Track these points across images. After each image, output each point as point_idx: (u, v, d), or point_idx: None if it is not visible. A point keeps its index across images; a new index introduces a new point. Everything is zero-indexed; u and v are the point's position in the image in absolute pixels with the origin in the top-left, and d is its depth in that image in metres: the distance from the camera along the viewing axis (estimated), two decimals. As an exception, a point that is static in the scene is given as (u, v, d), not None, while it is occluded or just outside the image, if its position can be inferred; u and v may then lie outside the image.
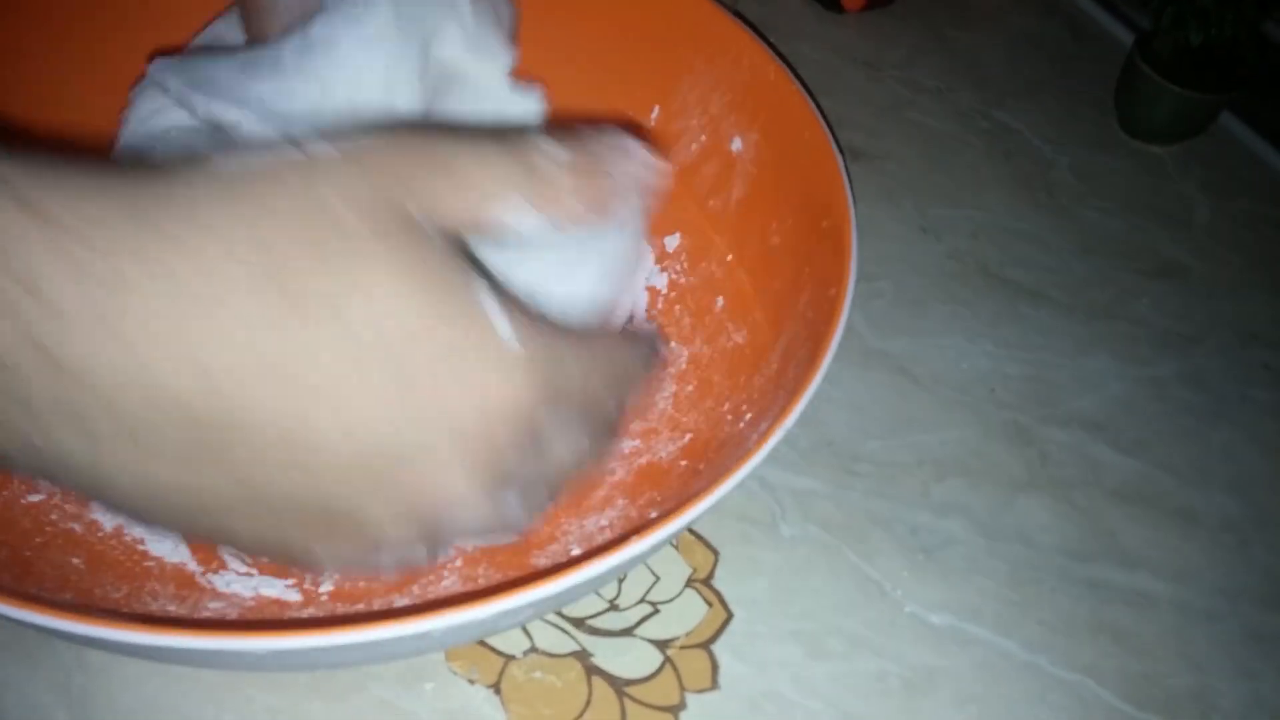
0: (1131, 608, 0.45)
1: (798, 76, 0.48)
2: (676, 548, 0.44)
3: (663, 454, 0.45)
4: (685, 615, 0.42)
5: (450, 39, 0.39)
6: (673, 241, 0.52)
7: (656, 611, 0.42)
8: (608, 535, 0.42)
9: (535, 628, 0.41)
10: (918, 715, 0.41)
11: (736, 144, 0.50)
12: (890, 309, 0.56)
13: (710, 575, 0.44)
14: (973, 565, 0.46)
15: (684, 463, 0.44)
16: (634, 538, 0.31)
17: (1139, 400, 0.54)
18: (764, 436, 0.35)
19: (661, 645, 0.41)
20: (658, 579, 0.43)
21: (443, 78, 0.40)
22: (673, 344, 0.49)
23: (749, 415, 0.43)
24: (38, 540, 0.37)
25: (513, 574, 0.40)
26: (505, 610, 0.28)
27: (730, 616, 0.43)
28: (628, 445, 0.45)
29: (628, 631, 0.42)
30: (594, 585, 0.32)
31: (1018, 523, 0.48)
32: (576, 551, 0.41)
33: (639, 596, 0.43)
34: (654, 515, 0.40)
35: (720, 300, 0.50)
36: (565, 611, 0.42)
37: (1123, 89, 0.69)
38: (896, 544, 0.46)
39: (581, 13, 0.51)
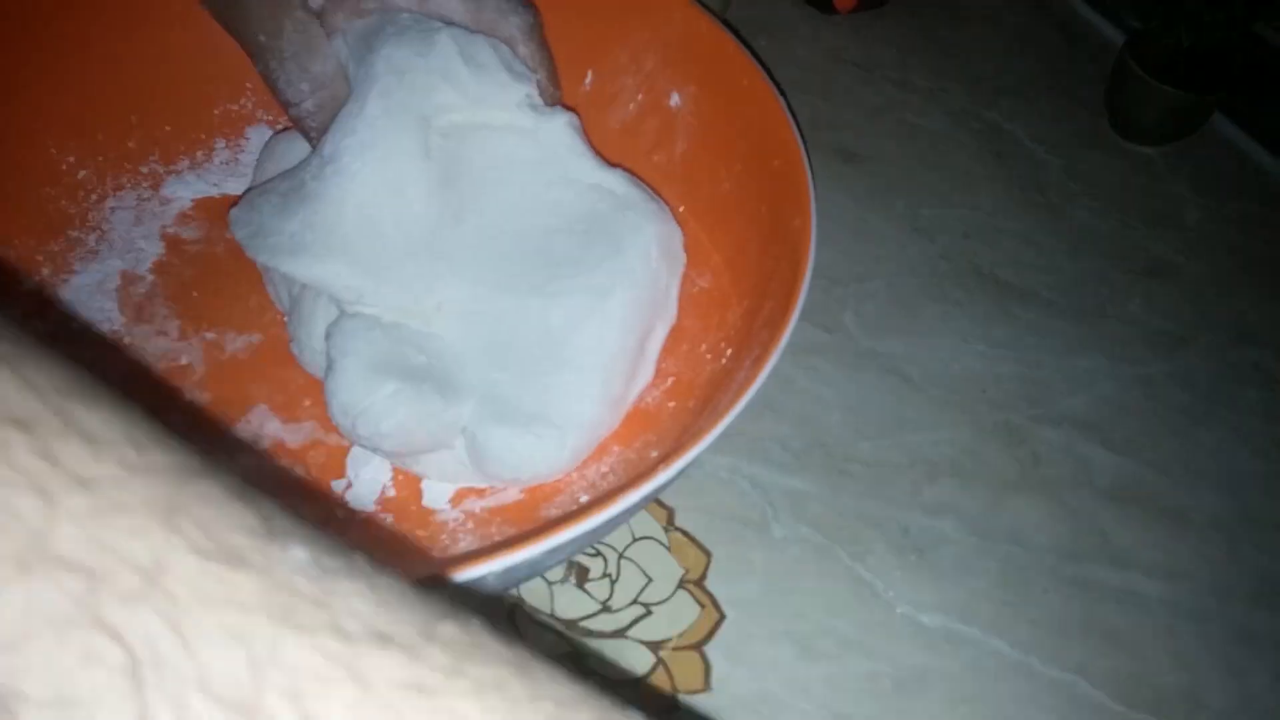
0: (1122, 607, 0.46)
1: (729, 27, 0.49)
2: (669, 548, 0.45)
3: (649, 399, 0.46)
4: (677, 616, 0.43)
5: (449, 106, 0.40)
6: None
7: (649, 613, 0.43)
8: (612, 480, 0.42)
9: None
10: (910, 716, 0.41)
11: (675, 99, 0.51)
12: (882, 309, 0.56)
13: (703, 576, 0.44)
14: (964, 565, 0.46)
15: (671, 404, 0.45)
16: (678, 454, 0.33)
17: (1130, 400, 0.54)
18: (761, 359, 0.36)
19: (654, 646, 0.42)
20: (650, 580, 0.43)
21: (458, 137, 0.41)
22: None
23: (730, 351, 0.44)
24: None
25: (528, 527, 0.41)
26: (556, 545, 0.30)
27: (722, 617, 0.43)
28: None
29: (620, 633, 0.42)
30: (628, 516, 0.34)
31: (1009, 523, 0.48)
32: (585, 499, 0.42)
33: (631, 598, 0.43)
34: (654, 455, 0.42)
35: None
36: (557, 613, 0.42)
37: (1114, 89, 0.69)
38: (889, 544, 0.46)
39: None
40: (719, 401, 0.39)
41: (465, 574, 0.29)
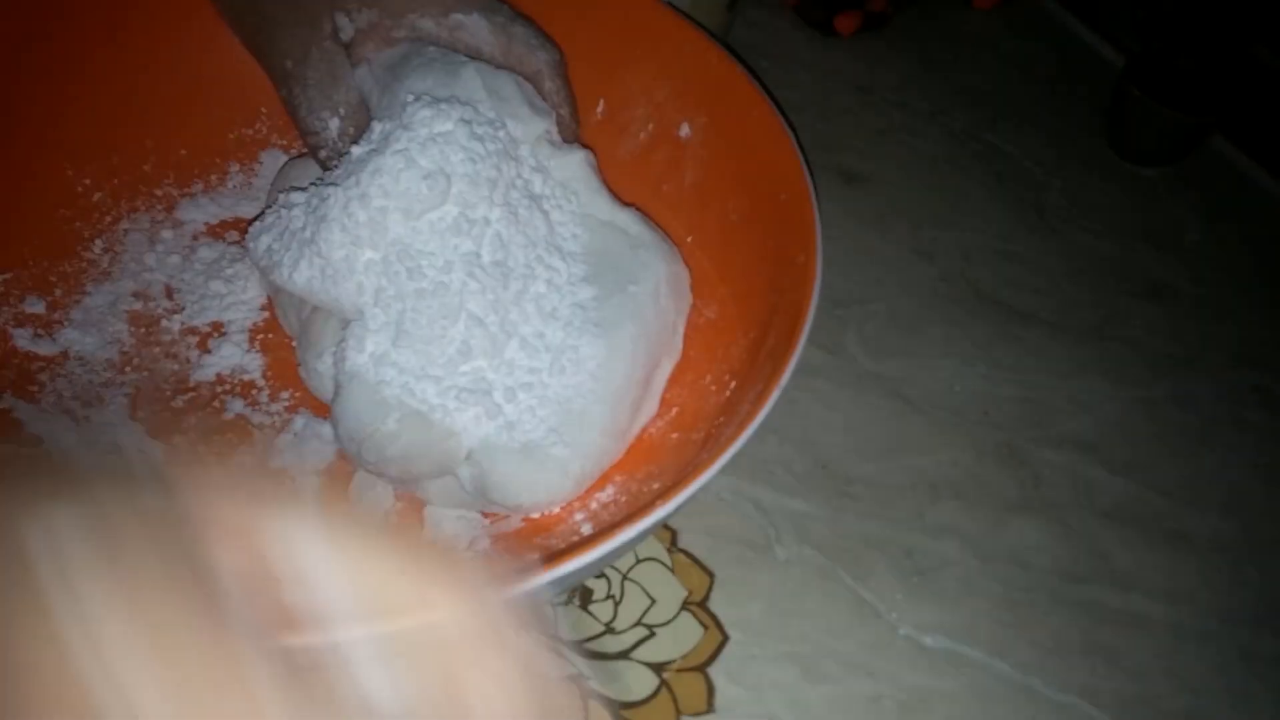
0: (1125, 629, 0.46)
1: (739, 59, 0.49)
2: (672, 570, 0.45)
3: (652, 430, 0.46)
4: (681, 638, 0.43)
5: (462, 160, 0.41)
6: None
7: (652, 634, 0.43)
8: (614, 510, 0.43)
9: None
10: (912, 737, 0.41)
11: (685, 130, 0.52)
12: (884, 331, 0.57)
13: (706, 598, 0.44)
14: (967, 587, 0.46)
15: (675, 435, 0.45)
16: (680, 486, 0.33)
17: (1131, 422, 0.54)
18: (764, 395, 0.36)
19: (657, 668, 0.42)
20: (653, 602, 0.44)
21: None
22: None
23: (733, 384, 0.44)
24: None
25: (529, 555, 0.41)
26: (560, 576, 0.30)
27: (726, 639, 0.43)
28: None
29: (624, 654, 0.42)
30: (629, 548, 0.35)
31: (1011, 544, 0.48)
32: (588, 529, 0.42)
33: (635, 619, 0.43)
34: (656, 486, 0.42)
35: None
36: (561, 634, 0.42)
37: (1113, 112, 0.69)
38: (891, 566, 0.46)
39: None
40: (722, 434, 0.39)
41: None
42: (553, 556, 0.30)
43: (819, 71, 0.73)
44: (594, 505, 0.43)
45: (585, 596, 0.43)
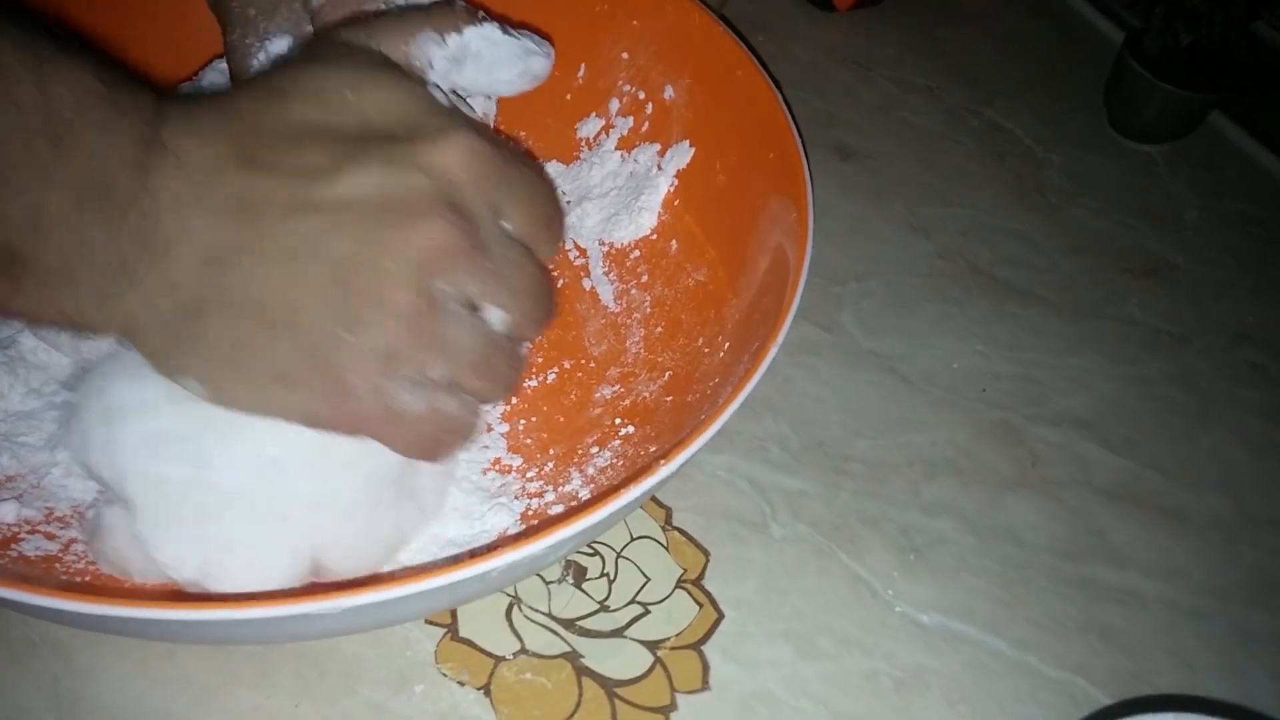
0: (1121, 606, 0.46)
1: (726, 22, 0.49)
2: (667, 548, 0.44)
3: (645, 394, 0.46)
4: (676, 616, 0.42)
5: None
6: (619, 192, 0.54)
7: (647, 612, 0.42)
8: (611, 475, 0.42)
9: (525, 629, 0.41)
10: (909, 715, 0.41)
11: (669, 92, 0.52)
12: (881, 309, 0.56)
13: (701, 576, 0.44)
14: (963, 565, 0.46)
15: (669, 398, 0.45)
16: (678, 449, 0.33)
17: (1128, 400, 0.54)
18: (759, 353, 0.36)
19: (652, 646, 0.41)
20: (648, 580, 0.43)
21: None
22: (633, 291, 0.51)
23: (727, 345, 0.45)
24: None
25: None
26: (561, 540, 0.30)
27: (721, 617, 0.43)
28: (608, 390, 0.46)
29: (618, 632, 0.42)
30: (628, 511, 0.34)
31: (1008, 522, 0.48)
32: (586, 494, 0.42)
33: (629, 597, 0.43)
34: (653, 449, 0.42)
35: (674, 244, 0.51)
36: (555, 612, 0.42)
37: (1113, 88, 0.69)
38: (887, 544, 0.46)
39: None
40: (718, 396, 0.39)
41: (469, 571, 0.29)
42: (553, 520, 0.30)
43: (815, 46, 0.72)
44: (591, 470, 0.43)
45: (579, 575, 0.43)
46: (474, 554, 0.30)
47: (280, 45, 0.40)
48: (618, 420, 0.45)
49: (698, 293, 0.49)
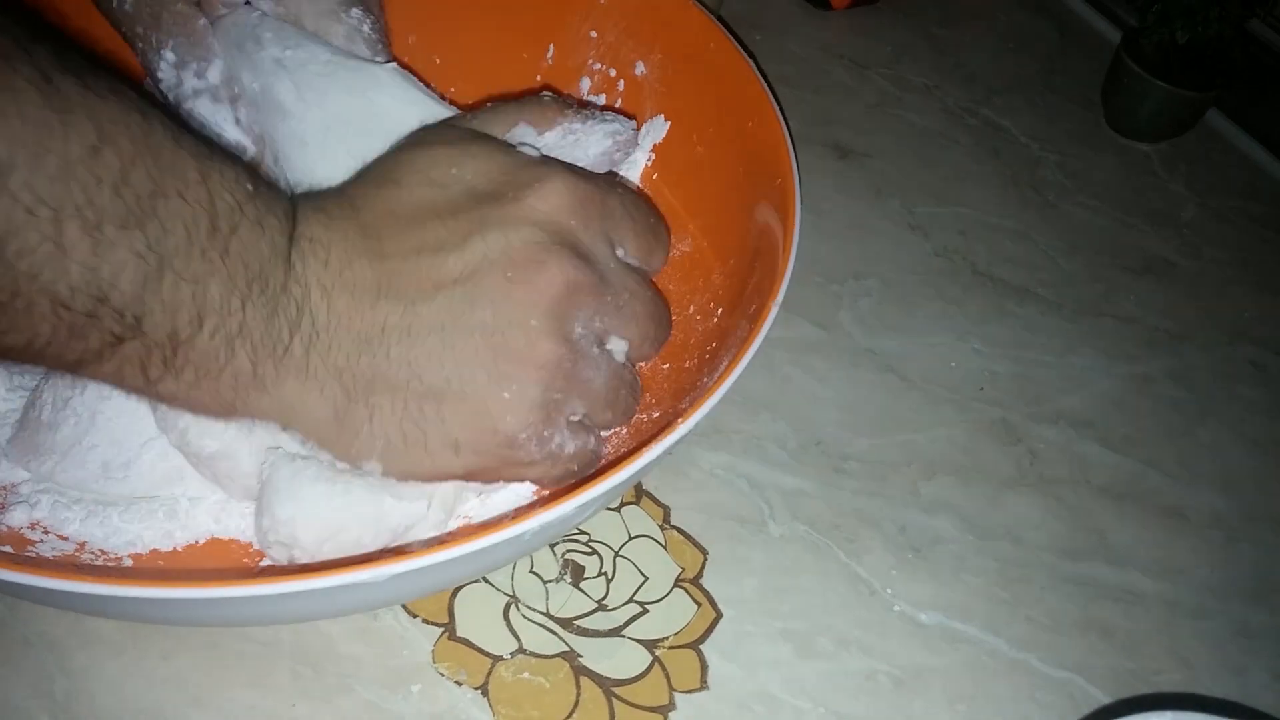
0: (1120, 605, 0.45)
1: (724, 24, 0.49)
2: (665, 547, 0.44)
3: (640, 363, 0.46)
4: (674, 615, 0.42)
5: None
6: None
7: (645, 611, 0.42)
8: (616, 442, 0.43)
9: (523, 628, 0.41)
10: (908, 714, 0.41)
11: (640, 68, 0.52)
12: (878, 307, 0.56)
13: (699, 575, 0.44)
14: (962, 564, 0.46)
15: (665, 366, 0.46)
16: (685, 414, 0.33)
17: (1127, 398, 0.54)
18: (761, 311, 0.36)
19: (650, 645, 0.41)
20: (646, 579, 0.43)
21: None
22: None
23: (720, 310, 0.45)
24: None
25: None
26: (591, 498, 0.31)
27: (719, 616, 0.42)
28: None
29: (616, 632, 0.41)
30: (644, 473, 0.34)
31: (1007, 521, 0.47)
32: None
33: (627, 596, 0.42)
34: (656, 415, 0.43)
35: None
36: (553, 611, 0.42)
37: (1110, 86, 0.69)
38: (886, 543, 0.46)
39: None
40: (718, 361, 0.40)
41: (503, 534, 0.29)
42: (578, 483, 0.31)
43: (812, 45, 0.72)
44: None
45: (577, 574, 0.43)
46: (508, 516, 0.30)
47: (174, 52, 0.40)
48: None
49: (684, 262, 0.49)
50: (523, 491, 0.41)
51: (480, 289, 0.32)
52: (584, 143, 0.39)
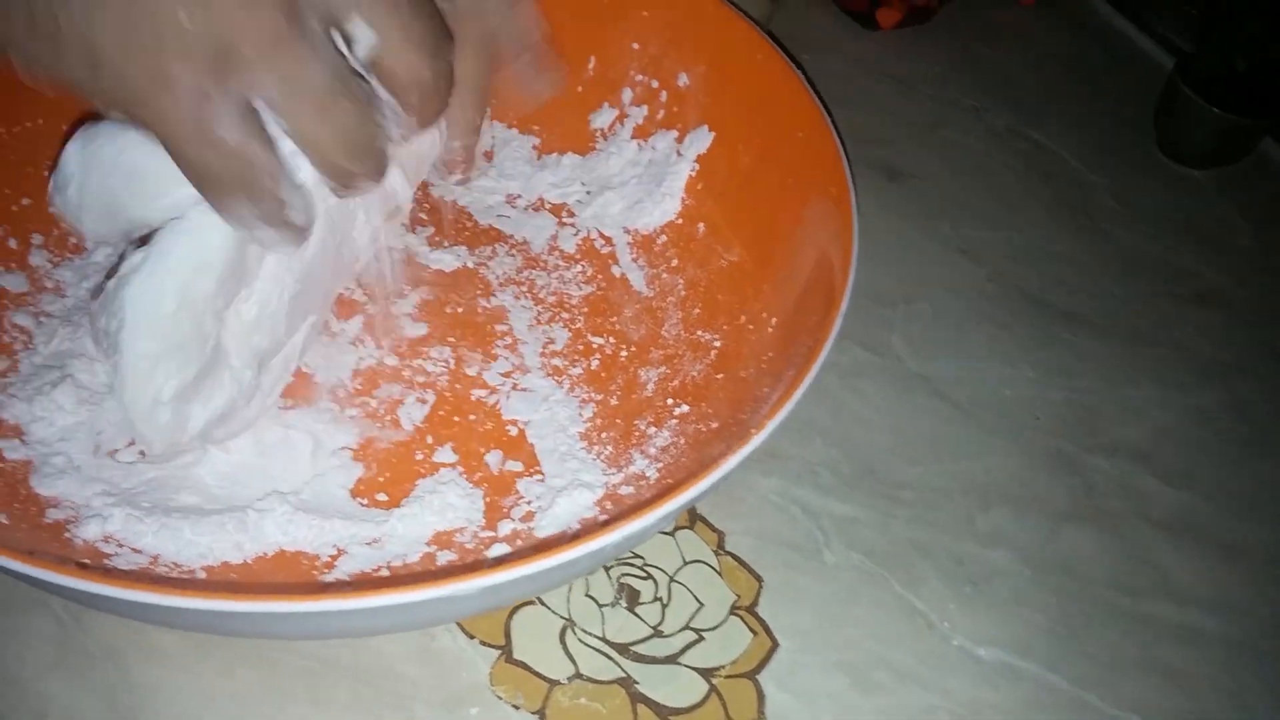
0: (1181, 644, 0.45)
1: (737, 7, 0.50)
2: (720, 573, 0.44)
3: (693, 373, 0.46)
4: (730, 643, 0.42)
5: None
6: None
7: (701, 639, 0.42)
8: (674, 453, 0.43)
9: (579, 652, 0.40)
10: (966, 750, 0.40)
11: (683, 79, 0.52)
12: (929, 331, 0.56)
13: (754, 602, 0.43)
14: (1020, 598, 0.45)
15: (720, 376, 0.46)
16: (762, 422, 0.33)
17: (1184, 430, 0.53)
18: (827, 320, 0.37)
19: (707, 674, 0.41)
20: (701, 605, 0.43)
21: None
22: (664, 275, 0.51)
23: (774, 320, 0.45)
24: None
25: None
26: (665, 514, 0.31)
27: (775, 645, 0.42)
28: (654, 372, 0.47)
29: (672, 659, 0.41)
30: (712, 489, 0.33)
31: (1064, 554, 0.47)
32: (653, 474, 0.42)
33: (683, 623, 0.42)
34: (714, 425, 0.43)
35: (701, 226, 0.52)
36: (609, 636, 0.41)
37: (1162, 111, 0.68)
38: (942, 574, 0.45)
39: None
40: (780, 370, 0.40)
41: (575, 551, 0.29)
42: (656, 496, 0.31)
43: (859, 65, 0.72)
44: (652, 450, 0.43)
45: (632, 598, 0.42)
46: (577, 535, 0.30)
47: None
48: (670, 400, 0.45)
49: (732, 272, 0.49)
50: (583, 500, 0.41)
51: None
52: None
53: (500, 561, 0.29)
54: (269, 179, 0.29)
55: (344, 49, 0.28)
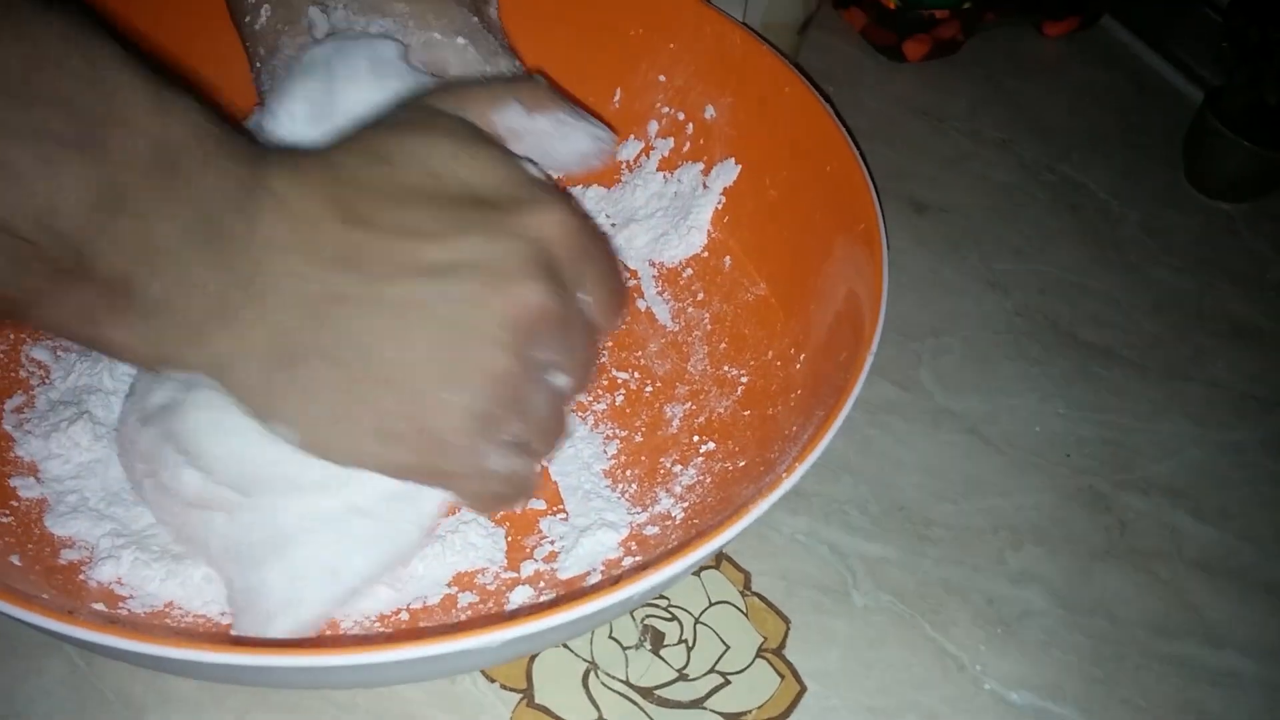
0: (1218, 688, 0.44)
1: (765, 40, 0.49)
2: (746, 615, 0.43)
3: (720, 409, 0.46)
4: (757, 687, 0.41)
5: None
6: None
7: (727, 683, 0.41)
8: (700, 492, 0.42)
9: (602, 696, 0.40)
10: (999, 798, 0.39)
11: (710, 112, 0.51)
12: (959, 366, 0.55)
13: (782, 645, 0.42)
14: (1053, 639, 0.44)
15: (747, 413, 0.45)
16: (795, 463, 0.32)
17: (1219, 467, 0.52)
18: (857, 359, 0.36)
19: (733, 719, 0.40)
20: (728, 648, 0.42)
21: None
22: (690, 310, 0.51)
23: (803, 356, 0.45)
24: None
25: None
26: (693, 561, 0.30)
27: (803, 690, 0.41)
28: (679, 409, 0.46)
29: (698, 703, 0.40)
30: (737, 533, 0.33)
31: (1098, 594, 0.46)
32: (679, 513, 0.42)
33: (709, 666, 0.41)
34: (742, 464, 0.42)
35: (728, 260, 0.51)
36: (633, 680, 0.41)
37: (1192, 144, 0.67)
38: (973, 615, 0.44)
39: (527, 9, 0.50)
40: (810, 408, 0.39)
41: (602, 601, 0.29)
42: (667, 554, 0.30)
43: (886, 98, 0.71)
44: (678, 489, 0.43)
45: (657, 641, 0.42)
46: (604, 585, 0.30)
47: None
48: (695, 438, 0.45)
49: (759, 307, 0.49)
50: (607, 541, 0.40)
51: (453, 285, 0.30)
52: (570, 137, 0.38)
53: (527, 612, 0.28)
54: (533, 474, 0.34)
55: None
